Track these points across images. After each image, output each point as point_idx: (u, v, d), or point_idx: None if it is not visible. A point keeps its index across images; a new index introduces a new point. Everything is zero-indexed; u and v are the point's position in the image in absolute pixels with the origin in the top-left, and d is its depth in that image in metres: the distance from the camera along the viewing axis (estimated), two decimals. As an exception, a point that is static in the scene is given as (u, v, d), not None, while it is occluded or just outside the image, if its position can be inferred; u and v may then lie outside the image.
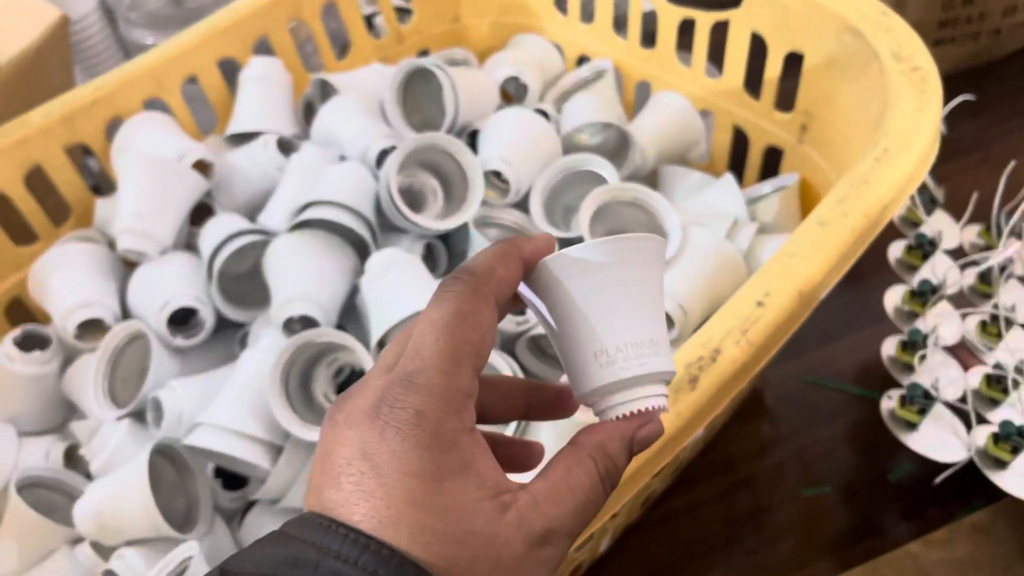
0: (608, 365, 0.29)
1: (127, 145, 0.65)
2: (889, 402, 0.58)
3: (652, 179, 0.71)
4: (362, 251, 0.60)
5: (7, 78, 0.64)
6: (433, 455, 0.25)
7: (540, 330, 0.54)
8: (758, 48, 0.64)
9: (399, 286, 0.53)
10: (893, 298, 0.62)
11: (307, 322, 0.55)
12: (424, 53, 0.82)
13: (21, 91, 0.66)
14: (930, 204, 0.67)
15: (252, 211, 0.68)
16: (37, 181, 0.65)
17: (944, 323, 0.59)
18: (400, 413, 0.26)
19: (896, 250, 0.65)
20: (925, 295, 0.60)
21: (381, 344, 0.53)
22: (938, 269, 0.62)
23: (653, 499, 0.62)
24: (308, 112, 0.74)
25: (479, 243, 0.59)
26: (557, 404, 0.33)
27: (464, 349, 0.27)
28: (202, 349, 0.61)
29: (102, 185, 0.73)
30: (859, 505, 0.62)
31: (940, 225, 0.65)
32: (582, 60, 0.79)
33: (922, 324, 0.59)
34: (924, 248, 0.64)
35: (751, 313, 0.42)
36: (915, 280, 0.61)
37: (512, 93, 0.76)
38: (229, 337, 0.63)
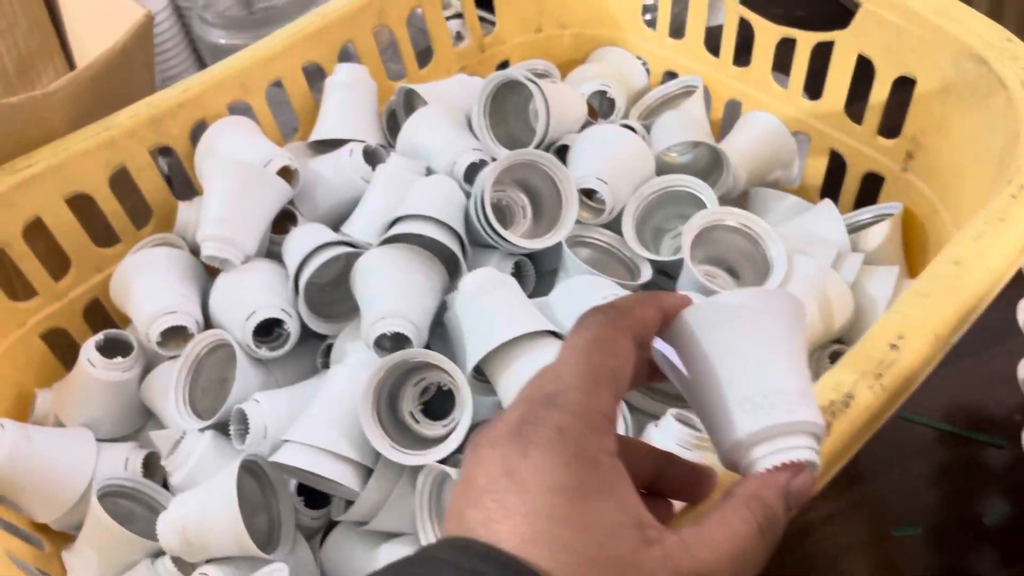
0: (754, 411, 0.28)
1: (212, 149, 0.64)
2: None
3: (742, 201, 0.69)
4: (451, 267, 0.58)
5: (94, 77, 0.63)
6: (575, 471, 0.25)
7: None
8: (862, 70, 0.62)
9: (497, 309, 0.51)
10: None
11: (399, 339, 0.54)
12: (504, 64, 0.81)
13: (107, 91, 0.65)
14: None
15: (334, 220, 0.66)
16: (118, 182, 0.64)
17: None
18: (542, 430, 0.26)
19: None
20: None
21: (478, 369, 0.51)
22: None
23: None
24: (391, 121, 0.73)
25: (572, 262, 0.57)
26: (691, 482, 0.32)
27: (602, 372, 0.27)
28: (283, 360, 0.60)
29: (176, 187, 0.71)
30: (951, 549, 0.60)
31: None
32: (668, 76, 0.77)
33: None
34: None
35: (884, 356, 0.40)
36: None
37: (597, 108, 0.75)
38: (310, 348, 0.61)
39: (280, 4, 0.96)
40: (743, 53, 0.70)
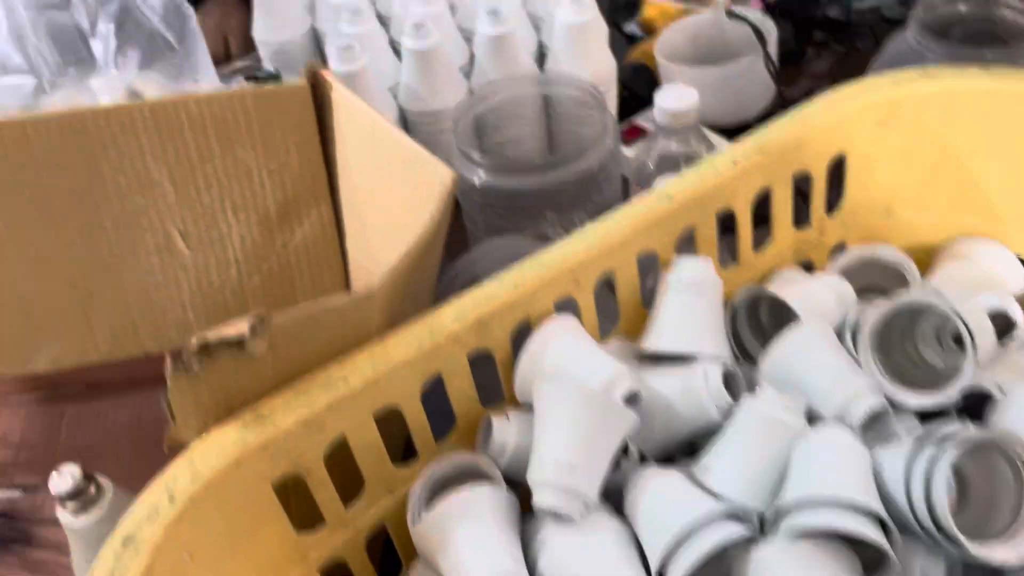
0: None
1: (542, 361, 0.53)
2: None
3: None
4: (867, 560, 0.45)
5: (415, 261, 0.53)
6: None
7: None
8: None
9: None
10: None
11: None
12: (841, 247, 0.68)
13: (416, 276, 0.55)
14: None
15: (670, 453, 0.54)
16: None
17: None
18: None
19: None
20: None
21: None
22: None
23: None
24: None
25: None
26: None
27: None
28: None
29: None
30: None
31: None
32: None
33: None
34: None
35: None
36: None
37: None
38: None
39: (512, 152, 0.89)
40: None
